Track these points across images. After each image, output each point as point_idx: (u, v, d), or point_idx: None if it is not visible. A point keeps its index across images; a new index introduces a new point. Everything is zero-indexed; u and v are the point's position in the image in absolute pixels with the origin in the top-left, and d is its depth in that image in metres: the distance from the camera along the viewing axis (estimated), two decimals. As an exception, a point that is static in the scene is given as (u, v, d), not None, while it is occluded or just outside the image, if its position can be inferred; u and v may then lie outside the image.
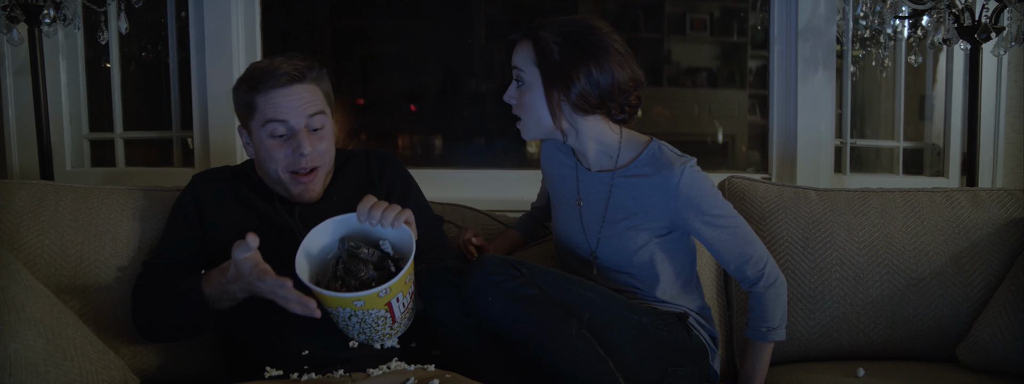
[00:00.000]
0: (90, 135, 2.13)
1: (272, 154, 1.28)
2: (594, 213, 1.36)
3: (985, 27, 1.86)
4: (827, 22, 2.04)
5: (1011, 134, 2.20)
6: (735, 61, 2.42)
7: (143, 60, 2.18)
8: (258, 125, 1.27)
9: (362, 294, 1.09)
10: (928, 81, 2.35)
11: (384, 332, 1.18)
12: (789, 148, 2.10)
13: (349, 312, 1.13)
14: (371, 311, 1.12)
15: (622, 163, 1.34)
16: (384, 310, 1.13)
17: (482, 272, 1.16)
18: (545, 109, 1.28)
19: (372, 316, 1.13)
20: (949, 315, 1.51)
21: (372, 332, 1.17)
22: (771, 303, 1.34)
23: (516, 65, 1.30)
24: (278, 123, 1.26)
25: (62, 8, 1.78)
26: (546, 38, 1.26)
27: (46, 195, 1.42)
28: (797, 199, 1.60)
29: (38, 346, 1.05)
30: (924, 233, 1.56)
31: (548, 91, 1.27)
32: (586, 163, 1.38)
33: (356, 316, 1.13)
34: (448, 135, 2.31)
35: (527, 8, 2.35)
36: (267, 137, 1.27)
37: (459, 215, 1.65)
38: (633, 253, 1.33)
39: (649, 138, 1.36)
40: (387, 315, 1.14)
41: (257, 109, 1.26)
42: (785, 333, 1.36)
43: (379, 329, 1.16)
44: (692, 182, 1.28)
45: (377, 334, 1.18)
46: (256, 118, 1.27)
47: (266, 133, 1.27)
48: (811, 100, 2.06)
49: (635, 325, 1.26)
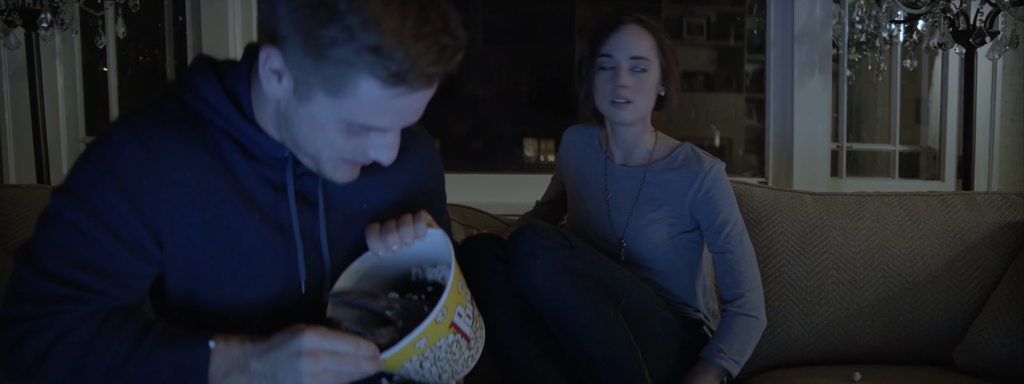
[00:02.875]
0: (87, 139, 2.12)
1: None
2: (622, 205, 1.39)
3: (979, 31, 1.86)
4: (823, 26, 2.05)
5: (1006, 138, 2.21)
6: (732, 65, 2.42)
7: (140, 64, 2.19)
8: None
9: (418, 332, 0.82)
10: (924, 85, 2.35)
11: (464, 358, 0.92)
12: (785, 152, 2.11)
13: (418, 360, 0.85)
14: (438, 343, 0.86)
15: (656, 158, 1.40)
16: (453, 333, 0.88)
17: (534, 235, 1.13)
18: (654, 95, 1.35)
19: (443, 350, 0.87)
20: (945, 319, 1.52)
21: (452, 364, 0.90)
22: (737, 329, 1.31)
23: (641, 54, 1.32)
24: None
25: (59, 13, 1.78)
26: (659, 28, 1.34)
27: (38, 198, 1.41)
28: (793, 203, 1.60)
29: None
30: (920, 237, 1.56)
31: (667, 77, 1.35)
32: (617, 157, 1.43)
33: (427, 359, 0.86)
34: (445, 139, 2.31)
35: (524, 12, 2.36)
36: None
37: (460, 214, 1.64)
38: (658, 246, 1.36)
39: (681, 142, 1.43)
40: (459, 338, 0.89)
41: None
42: (737, 371, 1.31)
43: (457, 357, 0.90)
44: (717, 179, 1.34)
45: (457, 364, 0.91)
46: None
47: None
48: (807, 104, 2.06)
49: (664, 321, 1.29)
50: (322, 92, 0.77)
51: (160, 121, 0.82)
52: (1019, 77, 2.18)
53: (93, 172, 0.80)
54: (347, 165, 0.86)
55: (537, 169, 2.28)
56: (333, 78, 0.76)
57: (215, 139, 0.84)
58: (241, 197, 0.85)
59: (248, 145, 0.86)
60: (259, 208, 0.86)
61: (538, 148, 2.36)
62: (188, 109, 0.84)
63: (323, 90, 0.77)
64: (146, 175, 0.80)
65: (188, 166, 0.82)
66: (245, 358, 0.79)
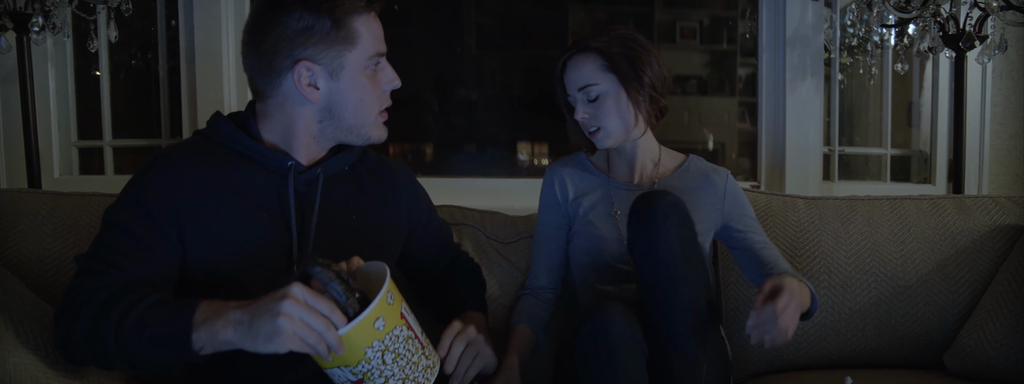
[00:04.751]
0: (79, 143, 2.12)
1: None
2: None
3: (969, 36, 1.88)
4: (815, 30, 2.06)
5: (996, 141, 2.22)
6: (724, 69, 2.43)
7: (132, 68, 2.18)
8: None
9: (373, 305, 0.86)
10: (915, 88, 2.37)
11: (423, 365, 0.93)
12: (778, 156, 2.12)
13: (380, 348, 0.88)
14: (395, 333, 0.88)
15: (663, 172, 1.42)
16: (405, 327, 0.90)
17: (673, 200, 1.17)
18: (629, 110, 1.32)
19: (400, 342, 0.89)
20: (936, 322, 1.52)
21: (412, 367, 0.91)
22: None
23: (586, 83, 1.32)
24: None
25: (51, 17, 1.77)
26: (604, 45, 1.31)
27: (25, 202, 1.41)
28: (785, 207, 1.60)
29: (38, 360, 1.04)
30: (911, 241, 1.57)
31: (629, 90, 1.31)
32: (622, 175, 1.42)
33: (388, 351, 0.88)
34: (438, 143, 2.32)
35: (517, 16, 2.36)
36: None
37: (448, 214, 1.63)
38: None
39: (686, 154, 1.45)
40: (411, 335, 0.91)
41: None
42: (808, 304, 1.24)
43: (416, 359, 0.91)
44: (736, 187, 1.41)
45: (417, 370, 0.92)
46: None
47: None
48: (799, 108, 2.07)
49: (717, 331, 1.33)
50: (347, 50, 1.05)
51: (187, 151, 1.08)
52: (1008, 81, 2.20)
53: (139, 188, 1.04)
54: (380, 119, 1.13)
55: (530, 173, 2.28)
56: (344, 37, 1.04)
57: (231, 161, 1.07)
58: (251, 202, 1.06)
59: (258, 158, 1.08)
60: (265, 210, 1.07)
61: (532, 152, 2.36)
62: (210, 142, 1.10)
63: (347, 49, 1.05)
64: (169, 188, 1.02)
65: (208, 181, 1.04)
66: (226, 309, 0.90)
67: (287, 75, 1.05)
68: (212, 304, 0.91)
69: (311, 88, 1.05)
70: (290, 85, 1.05)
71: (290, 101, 1.07)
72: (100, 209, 1.41)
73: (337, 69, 1.05)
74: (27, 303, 1.15)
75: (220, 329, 0.88)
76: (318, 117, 1.08)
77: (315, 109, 1.08)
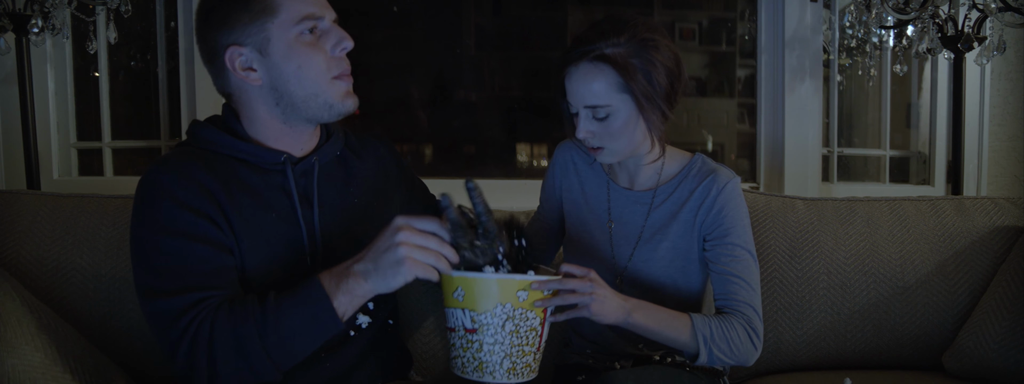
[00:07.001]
0: (78, 144, 2.12)
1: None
2: (628, 235, 1.27)
3: (968, 37, 1.88)
4: (813, 32, 2.06)
5: (994, 142, 2.23)
6: (724, 70, 2.43)
7: (132, 69, 2.18)
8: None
9: (530, 276, 0.85)
10: (914, 90, 2.37)
11: (525, 361, 0.90)
12: (777, 157, 2.12)
13: (507, 312, 0.86)
14: (529, 315, 0.86)
15: (665, 179, 1.27)
16: (540, 320, 0.88)
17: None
18: (644, 134, 1.18)
19: (525, 325, 0.86)
20: (935, 323, 1.52)
21: (518, 356, 0.88)
22: (726, 328, 1.16)
23: (595, 103, 1.13)
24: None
25: (51, 18, 1.77)
26: (620, 56, 1.11)
27: (24, 204, 1.41)
28: (784, 209, 1.61)
29: (36, 361, 1.04)
30: (910, 242, 1.57)
31: (646, 113, 1.14)
32: (622, 180, 1.30)
33: (512, 320, 0.85)
34: (438, 144, 2.32)
35: (516, 17, 2.36)
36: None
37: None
38: (664, 266, 1.26)
39: (692, 152, 1.30)
40: (538, 330, 0.89)
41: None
42: (704, 358, 1.15)
43: (525, 350, 0.88)
44: (731, 196, 1.22)
45: (519, 361, 0.89)
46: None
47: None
48: (798, 109, 2.08)
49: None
50: (268, 22, 0.98)
51: (182, 157, 1.01)
52: (1007, 82, 2.20)
53: (151, 201, 0.97)
54: (341, 84, 1.04)
55: (530, 174, 2.28)
56: (260, 10, 0.98)
57: (226, 165, 1.03)
58: (258, 202, 1.02)
59: (251, 159, 1.04)
60: (273, 209, 1.04)
61: (531, 153, 2.36)
62: (198, 150, 1.05)
63: (267, 20, 0.98)
64: (190, 188, 0.97)
65: (218, 187, 1.00)
66: (345, 269, 0.92)
67: (225, 66, 1.01)
68: (325, 273, 0.94)
69: (248, 71, 1.01)
70: (232, 75, 1.02)
71: (242, 92, 1.04)
72: (100, 210, 1.41)
73: (263, 44, 0.99)
74: (28, 303, 1.15)
75: (354, 285, 0.91)
76: (272, 100, 1.03)
77: (263, 92, 1.03)
